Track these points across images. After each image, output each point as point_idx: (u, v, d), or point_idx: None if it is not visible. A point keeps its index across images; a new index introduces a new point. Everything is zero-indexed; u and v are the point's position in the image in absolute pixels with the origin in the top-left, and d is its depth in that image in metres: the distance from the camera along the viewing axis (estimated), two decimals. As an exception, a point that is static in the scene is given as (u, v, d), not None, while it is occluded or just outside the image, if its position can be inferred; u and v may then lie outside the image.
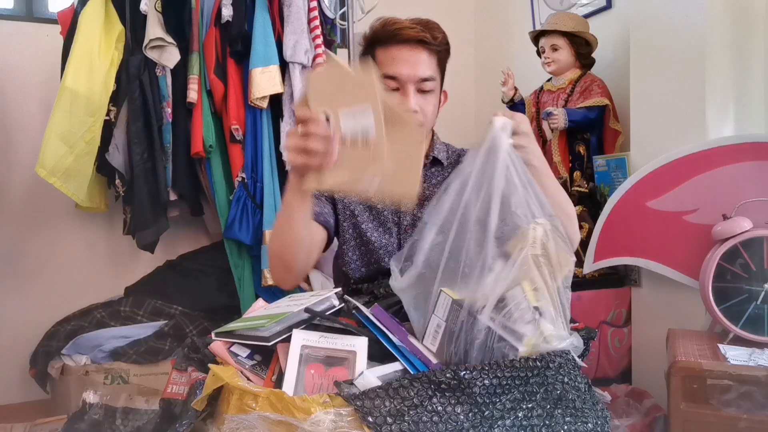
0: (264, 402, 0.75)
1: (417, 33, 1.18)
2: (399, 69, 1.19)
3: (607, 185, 2.06)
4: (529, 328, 0.82)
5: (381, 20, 1.23)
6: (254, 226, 2.20)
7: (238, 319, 1.00)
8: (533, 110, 2.38)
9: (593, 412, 0.86)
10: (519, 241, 0.86)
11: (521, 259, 0.84)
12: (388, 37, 1.20)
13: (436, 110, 1.26)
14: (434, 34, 1.20)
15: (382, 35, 1.21)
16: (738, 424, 1.29)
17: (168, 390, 0.94)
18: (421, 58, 1.19)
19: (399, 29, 1.18)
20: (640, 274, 1.97)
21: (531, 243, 0.85)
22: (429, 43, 1.19)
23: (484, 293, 0.85)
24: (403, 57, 1.19)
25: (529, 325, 0.82)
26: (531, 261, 0.84)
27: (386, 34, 1.20)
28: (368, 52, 1.25)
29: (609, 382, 1.95)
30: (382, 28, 1.21)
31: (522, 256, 0.84)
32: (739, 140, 1.66)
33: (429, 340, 0.92)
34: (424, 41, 1.19)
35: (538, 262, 0.84)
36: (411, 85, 1.19)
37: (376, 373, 0.83)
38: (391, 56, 1.20)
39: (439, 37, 1.21)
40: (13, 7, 2.52)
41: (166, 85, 2.16)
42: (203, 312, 2.29)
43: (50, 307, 2.36)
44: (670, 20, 1.82)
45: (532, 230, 0.85)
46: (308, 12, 2.21)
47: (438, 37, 1.20)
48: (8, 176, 2.44)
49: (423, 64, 1.20)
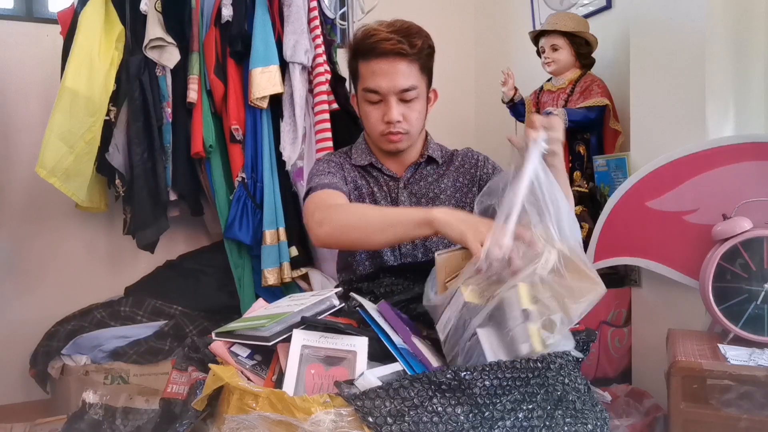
0: (264, 402, 0.75)
1: (393, 45, 1.19)
2: (378, 83, 1.22)
3: (607, 185, 2.06)
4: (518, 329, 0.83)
5: (362, 30, 1.25)
6: (254, 226, 2.20)
7: (238, 319, 1.00)
8: (533, 110, 2.38)
9: (593, 413, 0.86)
10: (530, 259, 0.87)
11: (526, 274, 0.85)
12: (367, 51, 1.22)
13: (422, 115, 1.30)
14: (413, 42, 1.21)
15: (362, 48, 1.24)
16: (738, 424, 1.29)
17: (168, 390, 0.94)
18: (400, 69, 1.22)
19: (376, 42, 1.20)
20: (640, 274, 1.97)
21: (542, 263, 0.85)
22: (407, 54, 1.21)
23: None
24: (383, 70, 1.22)
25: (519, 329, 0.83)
26: (536, 278, 0.85)
27: (365, 48, 1.23)
28: (352, 63, 1.29)
29: (609, 382, 1.95)
30: (362, 41, 1.23)
31: (528, 272, 0.85)
32: (739, 140, 1.66)
33: (440, 327, 0.93)
34: (401, 53, 1.20)
35: (542, 281, 0.85)
36: (392, 97, 1.23)
37: (376, 374, 0.84)
38: (371, 70, 1.23)
39: (418, 43, 1.21)
40: (13, 7, 2.51)
41: (166, 85, 2.16)
42: (203, 312, 2.28)
43: (50, 307, 2.36)
44: (670, 20, 1.82)
45: (547, 252, 0.86)
46: (308, 12, 2.21)
47: (417, 44, 1.21)
48: (8, 176, 2.44)
49: (402, 75, 1.22)
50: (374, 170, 1.36)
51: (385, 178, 1.35)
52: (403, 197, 1.33)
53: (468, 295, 0.88)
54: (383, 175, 1.35)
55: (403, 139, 1.28)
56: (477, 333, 0.85)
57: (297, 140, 2.18)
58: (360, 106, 1.32)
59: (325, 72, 2.20)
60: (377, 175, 1.36)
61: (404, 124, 1.26)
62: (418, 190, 1.35)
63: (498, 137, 2.89)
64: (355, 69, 1.29)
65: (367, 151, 1.37)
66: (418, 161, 1.36)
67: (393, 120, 1.24)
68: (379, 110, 1.26)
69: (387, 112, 1.24)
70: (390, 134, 1.27)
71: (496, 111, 2.71)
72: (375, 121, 1.27)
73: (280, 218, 2.19)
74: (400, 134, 1.27)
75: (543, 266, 0.85)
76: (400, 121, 1.25)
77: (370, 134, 1.33)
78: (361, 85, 1.27)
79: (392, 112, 1.23)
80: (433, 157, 1.36)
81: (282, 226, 2.19)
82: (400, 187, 1.34)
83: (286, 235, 2.20)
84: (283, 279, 2.18)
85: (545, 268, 0.85)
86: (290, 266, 2.20)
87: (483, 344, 0.83)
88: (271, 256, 2.17)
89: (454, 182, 1.36)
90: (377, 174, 1.36)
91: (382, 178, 1.35)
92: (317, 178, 1.30)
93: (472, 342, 0.85)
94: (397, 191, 1.34)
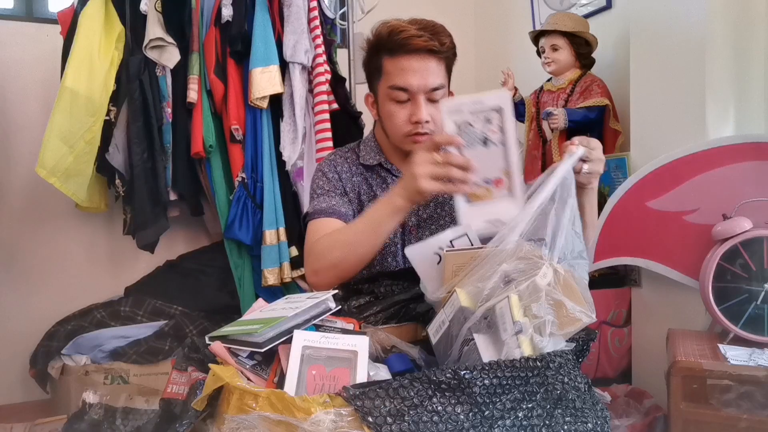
0: (264, 402, 0.75)
1: (426, 42, 1.15)
2: (409, 80, 1.17)
3: (607, 185, 2.06)
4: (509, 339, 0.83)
5: (387, 26, 1.19)
6: (254, 226, 2.20)
7: (233, 323, 0.99)
8: (533, 110, 2.38)
9: (593, 412, 0.86)
10: (530, 270, 0.87)
11: (524, 287, 0.85)
12: (396, 47, 1.17)
13: None
14: (442, 40, 1.18)
15: (389, 44, 1.18)
16: (738, 424, 1.29)
17: (168, 390, 0.94)
18: (431, 68, 1.18)
19: (407, 38, 1.16)
20: (640, 274, 1.97)
21: (541, 275, 0.85)
22: (438, 51, 1.17)
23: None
24: (413, 67, 1.17)
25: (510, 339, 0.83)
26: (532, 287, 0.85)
27: (394, 44, 1.17)
28: (374, 60, 1.23)
29: (609, 382, 1.95)
30: (389, 37, 1.18)
31: (525, 286, 0.85)
32: (739, 140, 1.66)
33: (433, 330, 0.93)
34: (433, 50, 1.17)
35: (537, 290, 0.85)
36: (421, 96, 1.19)
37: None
38: (400, 67, 1.18)
39: (446, 42, 1.19)
40: (13, 7, 2.52)
41: (166, 85, 2.17)
42: (203, 312, 2.28)
43: (50, 307, 2.36)
44: (670, 20, 1.82)
45: (545, 267, 0.86)
46: (308, 12, 2.21)
47: (446, 43, 1.18)
48: (8, 176, 2.44)
49: (433, 73, 1.18)
50: (383, 170, 1.31)
51: (394, 179, 1.30)
52: None
53: (464, 299, 0.88)
54: (392, 176, 1.31)
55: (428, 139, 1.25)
56: (474, 339, 0.85)
57: (297, 140, 2.18)
58: (382, 106, 1.25)
59: (325, 72, 2.20)
60: (385, 175, 1.31)
61: (431, 124, 1.20)
62: None
63: (498, 137, 2.89)
64: (377, 66, 1.22)
65: (377, 150, 1.32)
66: None
67: (422, 120, 1.18)
68: (405, 110, 1.20)
69: (415, 111, 1.19)
70: (417, 135, 1.21)
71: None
72: (401, 122, 1.21)
73: (280, 218, 2.19)
74: (426, 135, 1.22)
75: (542, 277, 0.85)
76: (428, 121, 1.19)
77: (392, 134, 1.26)
78: (386, 83, 1.21)
79: (421, 112, 1.18)
80: None
81: (282, 226, 2.19)
82: None
83: (286, 235, 2.20)
84: (283, 279, 2.18)
85: (544, 279, 0.85)
86: (290, 266, 2.20)
87: (480, 350, 0.84)
88: (271, 256, 2.17)
89: None
90: (385, 174, 1.31)
91: (390, 179, 1.31)
92: (316, 199, 1.27)
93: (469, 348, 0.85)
94: None
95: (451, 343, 0.89)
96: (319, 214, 1.25)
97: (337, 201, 1.26)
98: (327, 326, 0.95)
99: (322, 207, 1.25)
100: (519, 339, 0.81)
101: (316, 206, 1.26)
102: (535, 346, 0.82)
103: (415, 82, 1.17)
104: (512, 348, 0.81)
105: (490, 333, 0.86)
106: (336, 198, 1.27)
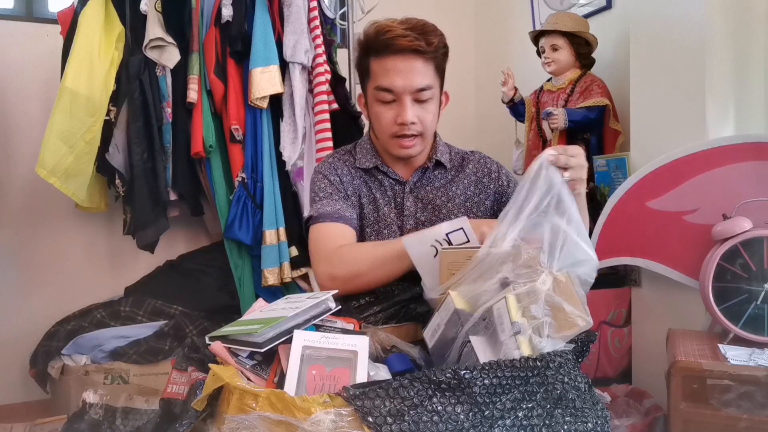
0: (264, 402, 0.75)
1: (411, 42, 1.14)
2: (393, 81, 1.16)
3: (607, 185, 2.06)
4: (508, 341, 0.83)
5: (374, 26, 1.19)
6: (254, 226, 2.20)
7: (233, 323, 0.99)
8: (533, 110, 2.38)
9: (593, 411, 0.86)
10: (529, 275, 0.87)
11: (522, 291, 0.85)
12: (382, 47, 1.16)
13: (435, 117, 1.24)
14: (429, 40, 1.16)
15: (375, 44, 1.17)
16: (738, 424, 1.29)
17: (168, 390, 0.94)
18: (417, 68, 1.16)
19: (392, 38, 1.14)
20: (640, 274, 1.97)
21: (540, 282, 0.85)
22: (424, 52, 1.15)
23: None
24: (398, 68, 1.16)
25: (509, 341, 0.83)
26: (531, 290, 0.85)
27: (379, 44, 1.16)
28: (363, 61, 1.23)
29: (609, 382, 1.95)
30: (375, 37, 1.17)
31: (524, 289, 0.85)
32: (739, 140, 1.66)
33: (428, 334, 0.93)
34: (418, 50, 1.15)
35: (536, 293, 0.85)
36: (407, 97, 1.18)
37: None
38: (385, 67, 1.17)
39: (434, 42, 1.16)
40: (13, 7, 2.52)
41: (166, 85, 2.17)
42: (203, 312, 2.29)
43: (50, 307, 2.36)
44: (670, 20, 1.82)
45: (545, 274, 0.85)
46: (308, 12, 2.21)
47: (434, 42, 1.16)
48: (8, 176, 2.44)
49: (418, 73, 1.16)
50: (379, 173, 1.29)
51: (391, 182, 1.29)
52: (409, 202, 1.28)
53: (458, 302, 0.88)
54: (388, 179, 1.29)
55: (416, 143, 1.22)
56: (470, 341, 0.85)
57: (297, 140, 2.18)
58: (370, 107, 1.25)
59: (325, 72, 2.20)
60: (382, 178, 1.30)
61: (418, 126, 1.19)
62: (424, 195, 1.29)
63: (498, 137, 2.90)
64: (365, 67, 1.22)
65: (372, 152, 1.31)
66: (426, 165, 1.29)
67: (407, 121, 1.17)
68: (391, 111, 1.19)
69: (401, 112, 1.18)
70: (403, 137, 1.20)
71: (496, 111, 2.71)
72: (387, 123, 1.20)
73: (280, 218, 2.19)
74: (413, 137, 1.21)
75: (541, 283, 0.85)
76: (414, 122, 1.18)
77: (379, 136, 1.25)
78: (372, 84, 1.20)
79: (406, 113, 1.17)
80: (441, 161, 1.30)
81: (282, 226, 2.20)
82: (406, 192, 1.28)
83: (286, 235, 2.20)
84: (283, 279, 2.18)
85: (543, 286, 0.85)
86: (290, 266, 2.20)
87: (477, 352, 0.84)
88: (271, 256, 2.17)
89: (465, 190, 1.29)
90: (382, 177, 1.30)
91: (387, 182, 1.29)
92: (319, 202, 1.25)
93: (466, 350, 0.85)
94: (402, 196, 1.28)
95: (448, 346, 0.90)
96: (324, 218, 1.23)
97: (342, 205, 1.25)
98: (327, 326, 0.95)
99: (327, 211, 1.23)
100: (518, 340, 0.81)
101: (320, 210, 1.24)
102: (534, 347, 0.82)
103: (400, 83, 1.16)
104: (511, 349, 0.81)
105: (488, 334, 0.86)
106: (340, 202, 1.25)
